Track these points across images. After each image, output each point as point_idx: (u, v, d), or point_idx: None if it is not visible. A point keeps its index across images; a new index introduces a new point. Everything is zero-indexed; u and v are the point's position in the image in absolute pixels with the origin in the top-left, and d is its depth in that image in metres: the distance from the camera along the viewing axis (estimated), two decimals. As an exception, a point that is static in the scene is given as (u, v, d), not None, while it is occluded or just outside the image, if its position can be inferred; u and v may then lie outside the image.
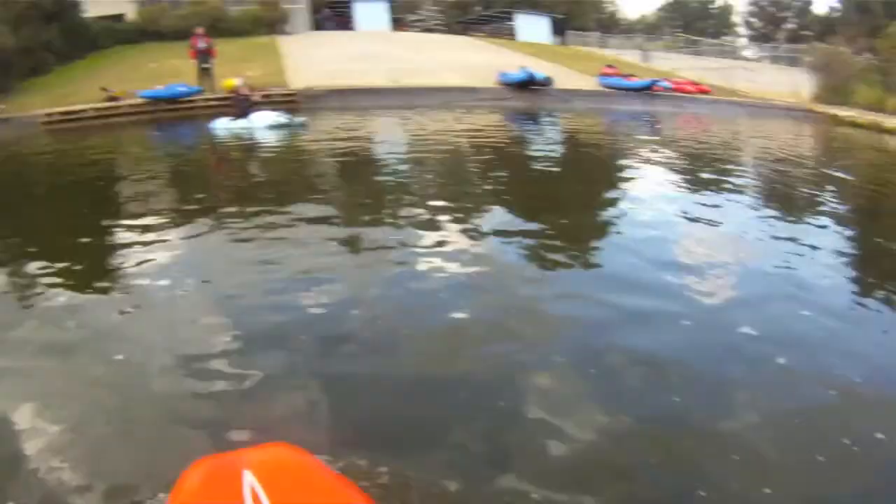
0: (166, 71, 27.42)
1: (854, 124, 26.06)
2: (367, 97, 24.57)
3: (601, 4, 66.15)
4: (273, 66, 28.66)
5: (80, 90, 25.33)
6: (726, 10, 68.08)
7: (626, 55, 43.88)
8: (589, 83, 30.20)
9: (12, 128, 21.86)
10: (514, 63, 30.78)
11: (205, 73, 24.56)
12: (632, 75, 31.24)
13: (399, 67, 28.95)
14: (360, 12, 48.72)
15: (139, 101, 23.31)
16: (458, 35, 50.53)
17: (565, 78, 29.25)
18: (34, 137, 20.51)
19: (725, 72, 36.83)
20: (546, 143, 16.69)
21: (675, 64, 40.36)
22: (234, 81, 23.64)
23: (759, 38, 60.25)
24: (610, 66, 32.93)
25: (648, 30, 65.69)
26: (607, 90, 29.37)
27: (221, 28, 36.07)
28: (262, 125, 17.35)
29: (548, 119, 22.39)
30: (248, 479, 2.25)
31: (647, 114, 24.95)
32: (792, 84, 33.64)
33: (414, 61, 30.99)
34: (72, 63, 30.47)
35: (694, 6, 68.09)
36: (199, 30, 25.05)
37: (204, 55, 24.42)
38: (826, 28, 53.58)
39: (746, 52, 54.20)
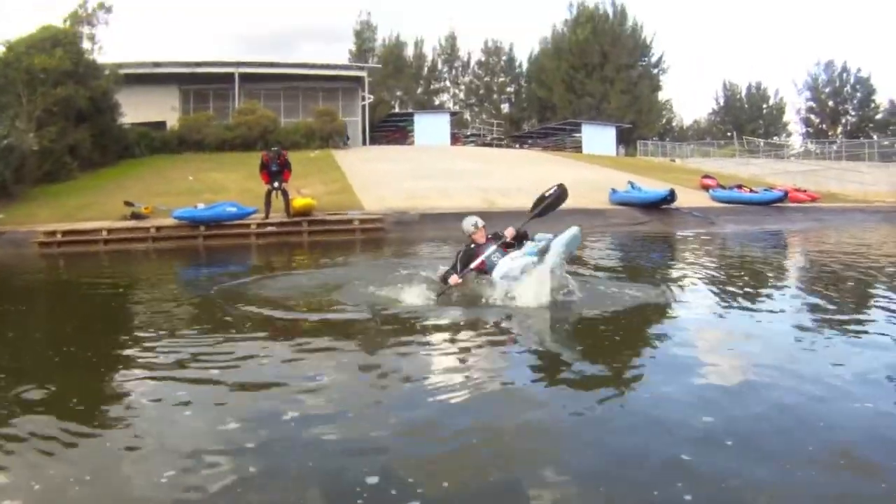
0: (206, 186, 22.47)
1: None
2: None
3: (664, 111, 63.26)
4: (337, 184, 23.22)
5: (101, 203, 19.84)
6: (778, 110, 63.54)
7: (700, 163, 39.36)
8: (699, 198, 24.84)
9: (-1, 245, 16.08)
10: (602, 177, 26.66)
11: (275, 192, 18.12)
12: (740, 186, 26.54)
13: (484, 186, 23.65)
14: (420, 125, 44.53)
15: (171, 222, 17.18)
16: (517, 149, 47.52)
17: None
18: (19, 262, 14.73)
19: (812, 174, 33.01)
20: None
21: (756, 170, 36.27)
22: (310, 200, 18.17)
23: (816, 135, 55.70)
24: (708, 177, 28.81)
25: (699, 135, 62.55)
26: (735, 206, 23.88)
27: (270, 140, 31.55)
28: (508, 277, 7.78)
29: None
30: None
31: (786, 232, 19.62)
32: (889, 182, 31.05)
33: (496, 178, 25.73)
34: (98, 171, 25.12)
35: (745, 107, 63.87)
36: (274, 148, 19.04)
37: (276, 175, 18.17)
38: None
39: (795, 151, 50.77)
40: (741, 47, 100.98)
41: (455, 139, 48.03)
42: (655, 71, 59.26)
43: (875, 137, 46.17)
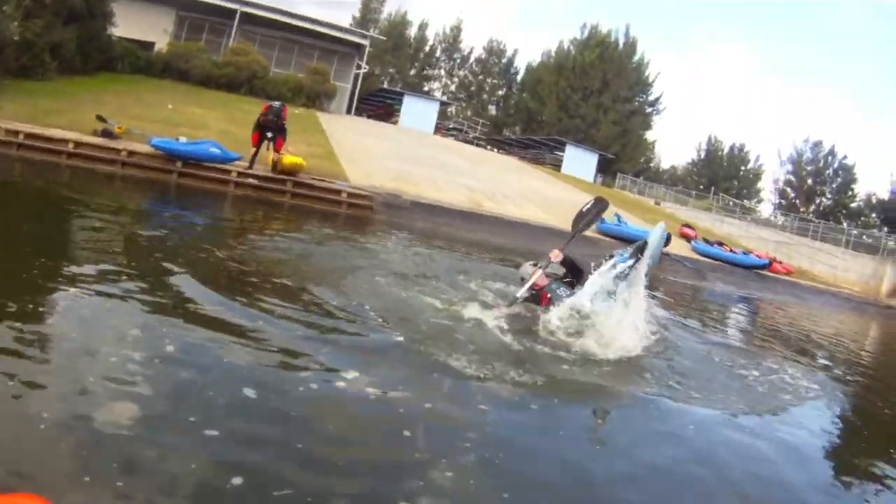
0: (186, 119, 20.82)
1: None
2: (462, 221, 17.45)
3: (647, 151, 62.27)
4: (321, 148, 21.82)
5: (72, 110, 17.98)
6: (755, 175, 63.28)
7: (675, 210, 39.51)
8: (680, 247, 23.94)
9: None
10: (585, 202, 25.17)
11: (267, 143, 16.40)
12: (721, 244, 26.24)
13: (471, 185, 22.92)
14: (408, 107, 43.24)
15: (146, 149, 15.29)
16: (500, 154, 47.82)
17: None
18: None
19: (785, 246, 32.80)
20: None
21: (731, 230, 35.74)
22: (299, 159, 16.49)
23: (788, 208, 55.31)
24: (688, 227, 28.65)
25: (673, 181, 61.31)
26: (718, 263, 23.48)
27: (256, 87, 30.24)
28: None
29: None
30: None
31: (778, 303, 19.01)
32: (859, 272, 30.83)
33: (482, 179, 25.08)
34: (76, 78, 23.32)
35: (724, 165, 63.29)
36: (276, 103, 17.00)
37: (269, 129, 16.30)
38: (884, 212, 49.03)
39: (771, 219, 50.55)
40: (732, 107, 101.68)
41: (437, 129, 46.89)
42: (650, 110, 58.90)
43: (846, 224, 46.42)
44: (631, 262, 6.59)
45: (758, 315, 16.10)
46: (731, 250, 24.94)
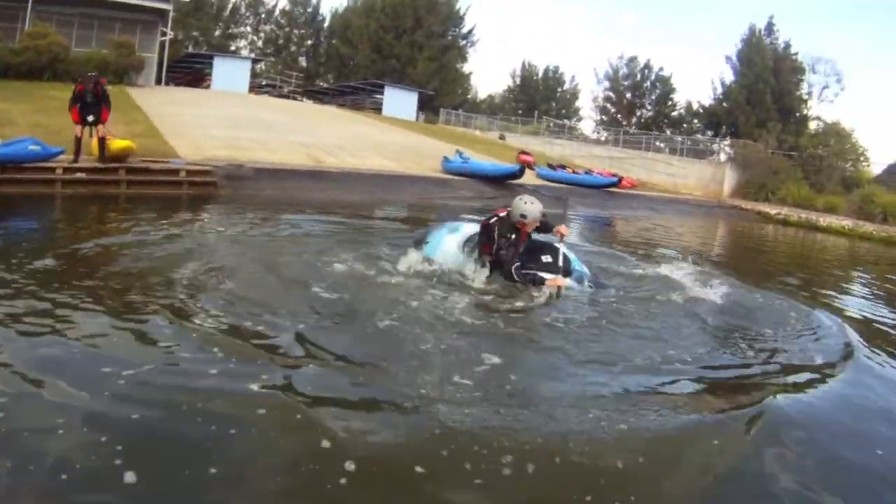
0: (-12, 116, 18.83)
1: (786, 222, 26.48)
2: (311, 182, 17.17)
3: (465, 83, 62.86)
4: (141, 125, 20.77)
5: None
6: (572, 94, 65.68)
7: (509, 139, 40.81)
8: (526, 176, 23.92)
9: None
10: (420, 144, 27.02)
11: (88, 128, 14.67)
12: (561, 166, 26.81)
13: (303, 141, 22.67)
14: (219, 70, 41.89)
15: None
16: (316, 105, 46.50)
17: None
18: None
19: (619, 161, 34.56)
20: None
21: (563, 151, 37.29)
22: (129, 142, 15.19)
23: (610, 123, 57.66)
24: (526, 153, 28.12)
25: (492, 109, 63.10)
26: (570, 187, 24.06)
27: (60, 70, 28.55)
28: None
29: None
30: None
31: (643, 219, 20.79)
32: (697, 177, 33.61)
33: (312, 134, 24.81)
34: None
35: (541, 89, 64.84)
36: (91, 74, 15.49)
37: (90, 108, 14.51)
38: (708, 118, 52.04)
39: (602, 137, 52.98)
40: (543, 33, 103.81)
41: (251, 88, 45.57)
42: (464, 43, 59.45)
43: (668, 132, 48.99)
44: (588, 291, 6.72)
45: (643, 232, 17.15)
46: (574, 172, 25.50)
